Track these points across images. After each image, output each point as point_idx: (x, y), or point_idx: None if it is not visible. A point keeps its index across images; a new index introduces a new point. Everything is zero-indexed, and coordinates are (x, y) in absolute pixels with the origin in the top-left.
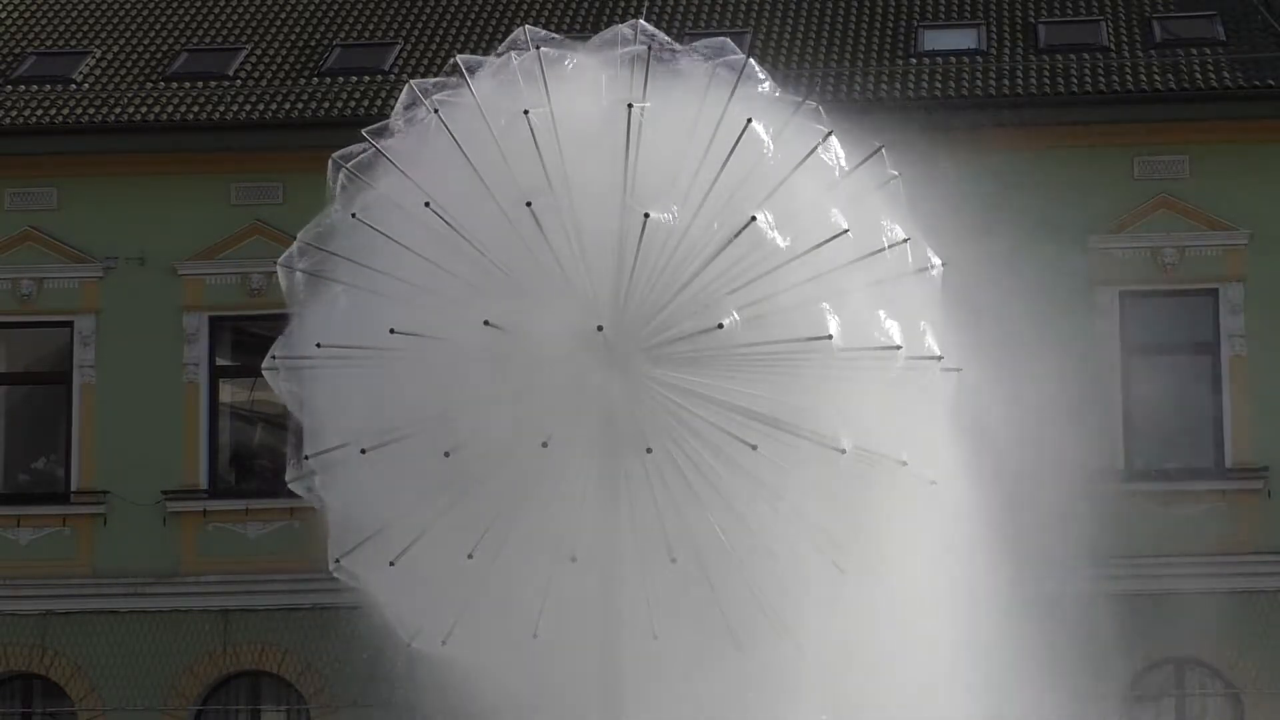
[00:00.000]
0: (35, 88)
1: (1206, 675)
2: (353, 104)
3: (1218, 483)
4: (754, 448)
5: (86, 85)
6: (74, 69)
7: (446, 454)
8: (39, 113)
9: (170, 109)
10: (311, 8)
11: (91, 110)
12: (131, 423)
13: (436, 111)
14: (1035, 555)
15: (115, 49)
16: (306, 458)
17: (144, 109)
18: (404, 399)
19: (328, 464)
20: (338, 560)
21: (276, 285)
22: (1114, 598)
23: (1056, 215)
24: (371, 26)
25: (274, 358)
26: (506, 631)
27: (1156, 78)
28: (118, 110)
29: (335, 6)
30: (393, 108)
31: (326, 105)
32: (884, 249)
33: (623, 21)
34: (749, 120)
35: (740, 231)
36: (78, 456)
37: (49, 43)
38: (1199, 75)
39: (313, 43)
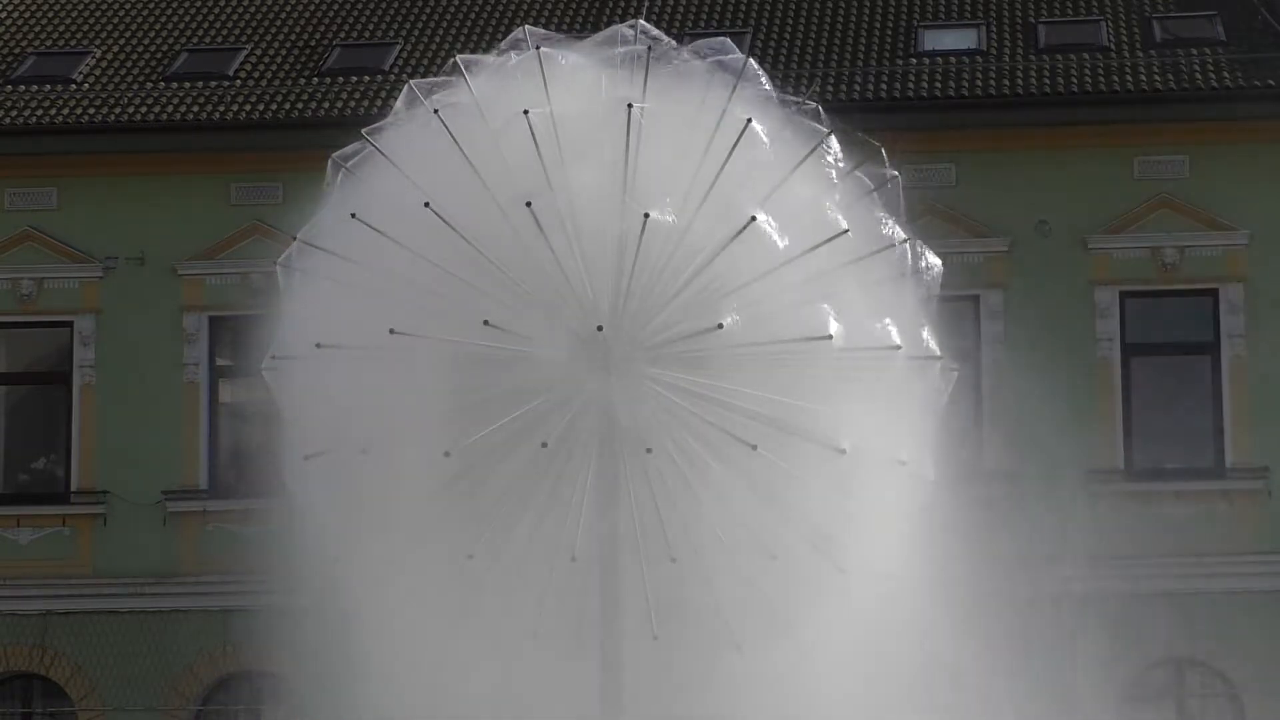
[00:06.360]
0: (35, 88)
1: (1206, 675)
2: (353, 104)
3: (1218, 483)
4: (754, 448)
5: (86, 85)
6: (74, 69)
7: (447, 454)
8: (39, 113)
9: (170, 109)
10: (311, 8)
11: (91, 110)
12: (131, 423)
13: (436, 112)
14: (1034, 555)
15: (115, 49)
16: (306, 458)
17: (144, 109)
18: (403, 399)
19: (326, 466)
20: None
21: (277, 285)
22: (1114, 598)
23: (1056, 215)
24: (371, 26)
25: (274, 358)
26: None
27: (1156, 78)
28: (118, 110)
29: (335, 6)
30: (393, 108)
31: (326, 105)
32: (883, 249)
33: (623, 21)
34: (748, 120)
35: (740, 232)
36: (78, 456)
37: (49, 43)
38: (1199, 75)
39: (313, 43)
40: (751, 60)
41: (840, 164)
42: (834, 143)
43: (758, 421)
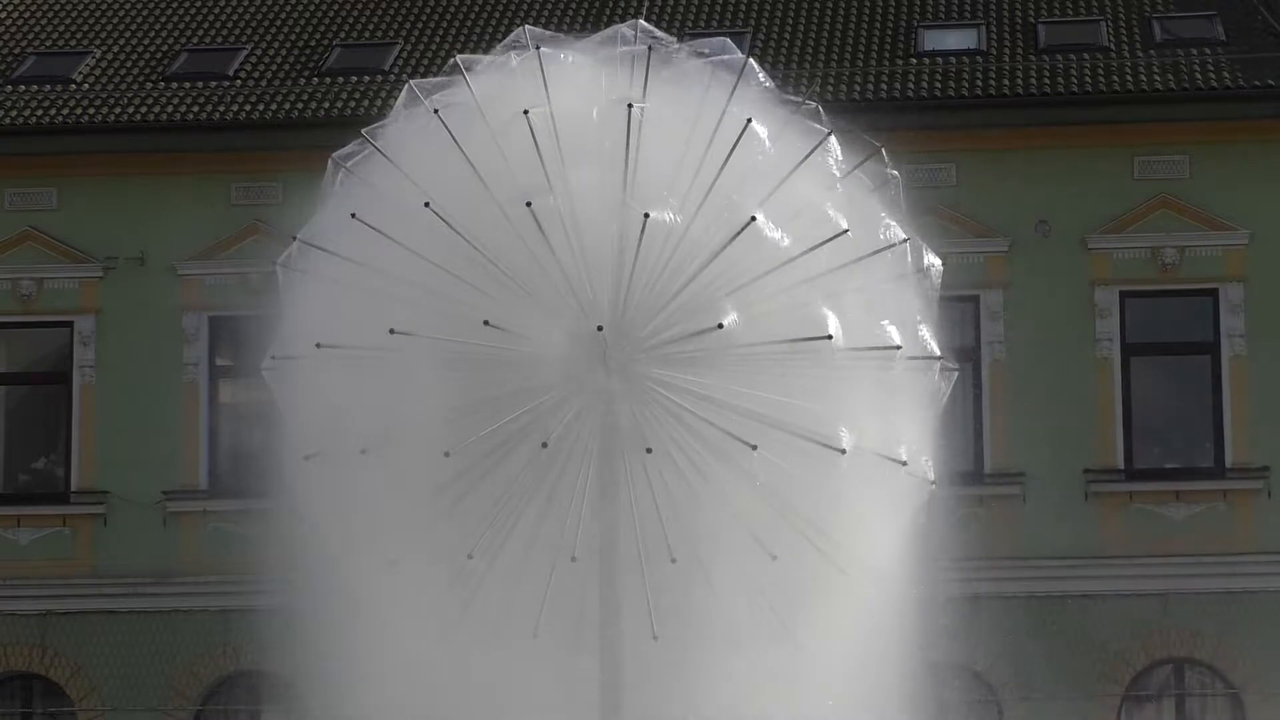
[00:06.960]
0: (35, 88)
1: (1206, 675)
2: (353, 104)
3: (1218, 483)
4: (754, 448)
5: (86, 85)
6: (74, 69)
7: (446, 454)
8: (39, 113)
9: (170, 109)
10: (311, 8)
11: (91, 110)
12: (131, 423)
13: (436, 112)
14: (1032, 555)
15: (115, 49)
16: (305, 459)
17: (144, 109)
18: (402, 399)
19: (325, 466)
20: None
21: (276, 285)
22: (1114, 598)
23: (1056, 215)
24: (371, 26)
25: (273, 358)
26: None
27: (1156, 78)
28: (118, 110)
29: (335, 6)
30: (392, 108)
31: (326, 105)
32: (883, 249)
33: (623, 21)
34: (749, 120)
35: (740, 232)
36: (78, 456)
37: (49, 43)
38: (1199, 75)
39: (313, 43)
40: (751, 60)
41: (840, 164)
42: (834, 143)
43: (758, 421)
